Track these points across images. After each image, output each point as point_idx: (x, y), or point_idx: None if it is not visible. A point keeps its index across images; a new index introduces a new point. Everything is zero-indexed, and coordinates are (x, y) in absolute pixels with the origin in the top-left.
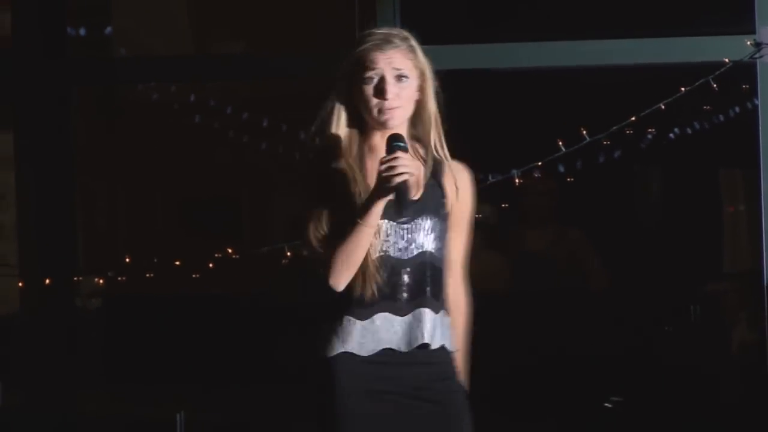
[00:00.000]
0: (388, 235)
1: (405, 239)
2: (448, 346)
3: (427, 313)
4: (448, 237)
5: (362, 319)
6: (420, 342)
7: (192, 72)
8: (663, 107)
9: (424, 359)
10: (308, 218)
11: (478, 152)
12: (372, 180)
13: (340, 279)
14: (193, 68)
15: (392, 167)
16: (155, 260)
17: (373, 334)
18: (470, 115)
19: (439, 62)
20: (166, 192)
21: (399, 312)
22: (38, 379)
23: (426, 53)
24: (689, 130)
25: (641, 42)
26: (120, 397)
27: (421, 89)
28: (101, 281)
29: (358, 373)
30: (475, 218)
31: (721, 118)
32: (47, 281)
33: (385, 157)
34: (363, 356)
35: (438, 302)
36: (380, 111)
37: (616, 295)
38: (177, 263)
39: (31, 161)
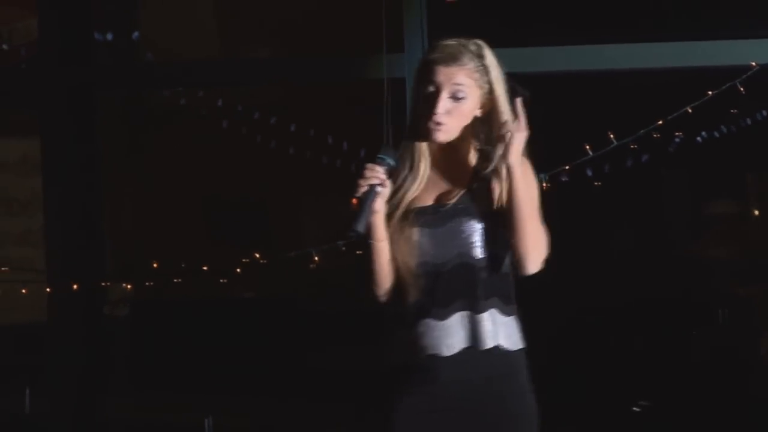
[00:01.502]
0: (421, 243)
1: (441, 245)
2: (506, 345)
3: (467, 316)
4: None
5: (407, 327)
6: (464, 345)
7: (219, 77)
8: (690, 111)
9: (471, 360)
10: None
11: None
12: (427, 193)
13: (369, 293)
14: (220, 73)
15: (364, 177)
16: (183, 266)
17: (417, 340)
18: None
19: None
20: (193, 197)
21: (439, 317)
22: (65, 385)
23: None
24: (716, 134)
25: (668, 46)
26: (148, 403)
27: (483, 105)
28: (129, 287)
29: (408, 380)
30: None
31: (749, 121)
32: (74, 287)
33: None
34: (412, 363)
35: (480, 304)
36: (427, 124)
37: (644, 297)
38: (204, 268)
39: (58, 167)
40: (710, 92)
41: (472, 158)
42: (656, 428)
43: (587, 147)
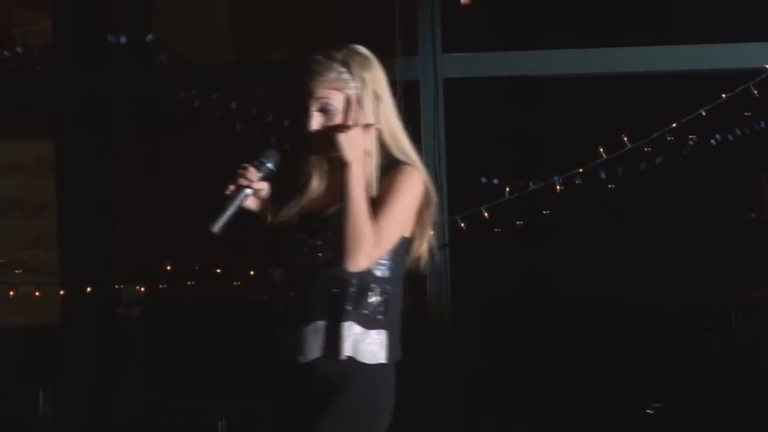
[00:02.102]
0: (301, 249)
1: (316, 253)
2: (361, 358)
3: (324, 326)
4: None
5: (282, 328)
6: (318, 354)
7: (233, 79)
8: (704, 114)
9: (324, 369)
10: None
11: (519, 158)
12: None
13: (265, 287)
14: (234, 75)
15: (238, 177)
16: (196, 268)
17: (284, 343)
18: (512, 122)
19: (480, 69)
20: (207, 199)
21: (302, 323)
22: (79, 387)
23: (463, 60)
24: (730, 137)
25: (682, 48)
26: (161, 405)
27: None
28: (142, 289)
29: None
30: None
31: (762, 124)
32: (88, 289)
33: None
34: (280, 363)
35: (342, 314)
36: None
37: (657, 299)
38: (218, 271)
39: (72, 170)
40: (724, 95)
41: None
42: (670, 430)
43: (601, 150)
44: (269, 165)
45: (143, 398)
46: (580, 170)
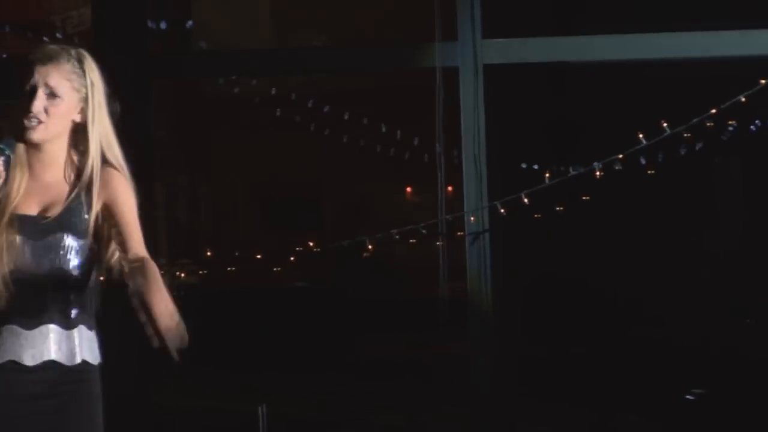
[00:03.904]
0: (22, 251)
1: (39, 256)
2: (90, 359)
3: (54, 330)
4: (124, 237)
5: None
6: (45, 358)
7: (273, 65)
8: (744, 99)
9: (49, 373)
10: None
11: (559, 144)
12: (32, 200)
13: None
14: (274, 62)
15: None
16: (236, 254)
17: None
18: (551, 108)
19: (520, 55)
20: (247, 185)
21: (27, 326)
22: (120, 371)
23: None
24: None
25: (722, 35)
26: (202, 390)
27: (82, 110)
28: (182, 274)
29: (19, 384)
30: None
31: None
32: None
33: None
34: (26, 365)
35: (71, 319)
36: (23, 122)
37: (699, 287)
38: (258, 256)
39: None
40: (763, 81)
41: (70, 170)
42: (710, 416)
43: (640, 136)
44: (8, 152)
45: (184, 383)
46: (620, 156)
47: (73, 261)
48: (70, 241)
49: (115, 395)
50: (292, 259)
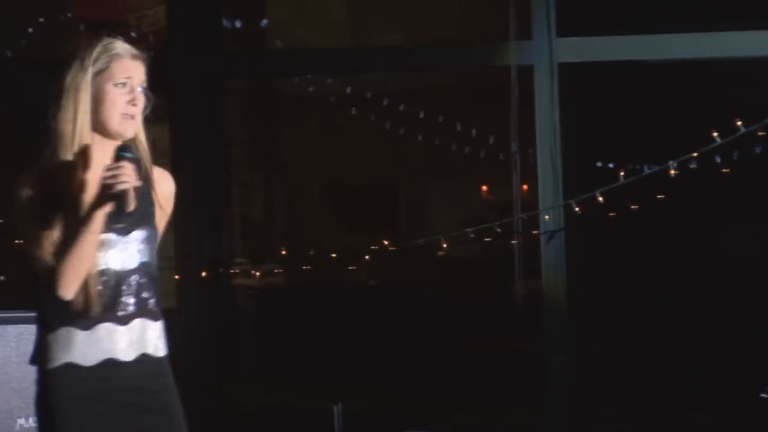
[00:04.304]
0: (113, 248)
1: (126, 251)
2: (165, 352)
3: (150, 324)
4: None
5: (85, 329)
6: (143, 351)
7: (348, 64)
8: None
9: (147, 368)
10: (37, 228)
11: (634, 143)
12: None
13: (70, 288)
14: (349, 60)
15: (115, 175)
16: (311, 253)
17: (96, 343)
18: (626, 107)
19: (595, 54)
20: (322, 184)
21: (122, 322)
22: (197, 369)
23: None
24: None
25: None
26: (277, 389)
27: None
28: (257, 273)
29: (80, 383)
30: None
31: None
32: (203, 273)
33: (110, 164)
34: (86, 366)
35: (158, 311)
36: (124, 119)
37: None
38: (333, 255)
39: (186, 154)
40: None
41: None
42: None
43: (715, 134)
44: (132, 156)
45: (260, 381)
46: (695, 155)
47: (152, 253)
48: (149, 233)
49: (190, 394)
50: (366, 257)
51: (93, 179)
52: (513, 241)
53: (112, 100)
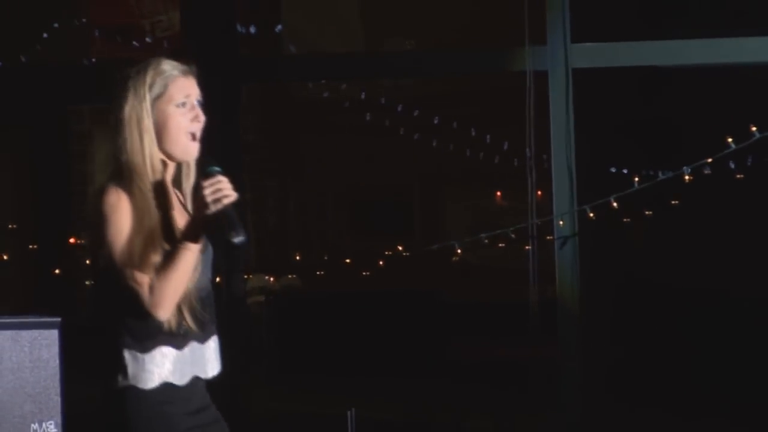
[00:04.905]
0: (198, 267)
1: (205, 269)
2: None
3: (216, 340)
4: None
5: (179, 348)
6: (218, 368)
7: (362, 70)
8: None
9: (205, 383)
10: (125, 250)
11: (648, 149)
12: (178, 205)
13: (168, 309)
14: (363, 66)
15: (218, 190)
16: (325, 258)
17: (189, 363)
18: (640, 112)
19: (609, 59)
20: (336, 189)
21: (201, 340)
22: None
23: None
24: None
25: None
26: (291, 394)
27: None
28: (272, 279)
29: (174, 403)
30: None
31: None
32: (217, 279)
33: (207, 180)
34: (179, 385)
35: (214, 327)
36: (191, 134)
37: None
38: (347, 261)
39: (200, 158)
40: None
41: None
42: None
43: (729, 140)
44: (219, 169)
45: (273, 387)
46: (709, 160)
47: (212, 271)
48: (212, 251)
49: None
50: (381, 263)
51: (173, 200)
52: (527, 247)
53: (177, 122)
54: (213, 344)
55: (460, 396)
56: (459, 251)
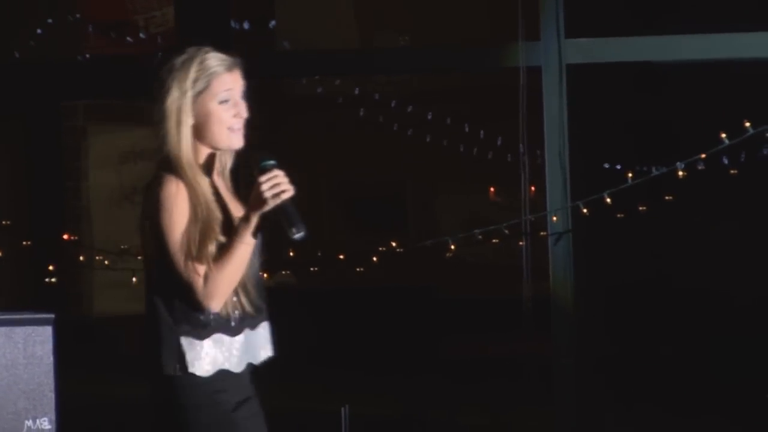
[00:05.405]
0: (251, 254)
1: (258, 255)
2: None
3: (267, 326)
4: None
5: (234, 335)
6: (270, 352)
7: (356, 66)
8: None
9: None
10: (182, 240)
11: (642, 144)
12: (230, 199)
13: (221, 300)
14: (357, 62)
15: (276, 184)
16: (319, 254)
17: (245, 350)
18: (634, 108)
19: (603, 55)
20: (329, 185)
21: (254, 326)
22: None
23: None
24: None
25: None
26: (285, 391)
27: None
28: (265, 275)
29: (229, 390)
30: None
31: None
32: None
33: (263, 174)
34: (235, 372)
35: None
36: (233, 129)
37: None
38: (341, 257)
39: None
40: None
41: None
42: None
43: (723, 135)
44: (275, 162)
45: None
46: (703, 156)
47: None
48: (261, 234)
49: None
50: (374, 259)
51: (223, 191)
52: (520, 243)
53: (218, 118)
54: (263, 330)
55: (453, 392)
56: (453, 247)
